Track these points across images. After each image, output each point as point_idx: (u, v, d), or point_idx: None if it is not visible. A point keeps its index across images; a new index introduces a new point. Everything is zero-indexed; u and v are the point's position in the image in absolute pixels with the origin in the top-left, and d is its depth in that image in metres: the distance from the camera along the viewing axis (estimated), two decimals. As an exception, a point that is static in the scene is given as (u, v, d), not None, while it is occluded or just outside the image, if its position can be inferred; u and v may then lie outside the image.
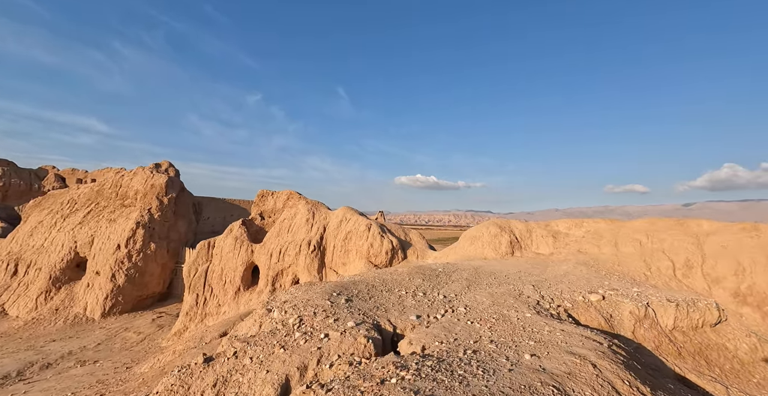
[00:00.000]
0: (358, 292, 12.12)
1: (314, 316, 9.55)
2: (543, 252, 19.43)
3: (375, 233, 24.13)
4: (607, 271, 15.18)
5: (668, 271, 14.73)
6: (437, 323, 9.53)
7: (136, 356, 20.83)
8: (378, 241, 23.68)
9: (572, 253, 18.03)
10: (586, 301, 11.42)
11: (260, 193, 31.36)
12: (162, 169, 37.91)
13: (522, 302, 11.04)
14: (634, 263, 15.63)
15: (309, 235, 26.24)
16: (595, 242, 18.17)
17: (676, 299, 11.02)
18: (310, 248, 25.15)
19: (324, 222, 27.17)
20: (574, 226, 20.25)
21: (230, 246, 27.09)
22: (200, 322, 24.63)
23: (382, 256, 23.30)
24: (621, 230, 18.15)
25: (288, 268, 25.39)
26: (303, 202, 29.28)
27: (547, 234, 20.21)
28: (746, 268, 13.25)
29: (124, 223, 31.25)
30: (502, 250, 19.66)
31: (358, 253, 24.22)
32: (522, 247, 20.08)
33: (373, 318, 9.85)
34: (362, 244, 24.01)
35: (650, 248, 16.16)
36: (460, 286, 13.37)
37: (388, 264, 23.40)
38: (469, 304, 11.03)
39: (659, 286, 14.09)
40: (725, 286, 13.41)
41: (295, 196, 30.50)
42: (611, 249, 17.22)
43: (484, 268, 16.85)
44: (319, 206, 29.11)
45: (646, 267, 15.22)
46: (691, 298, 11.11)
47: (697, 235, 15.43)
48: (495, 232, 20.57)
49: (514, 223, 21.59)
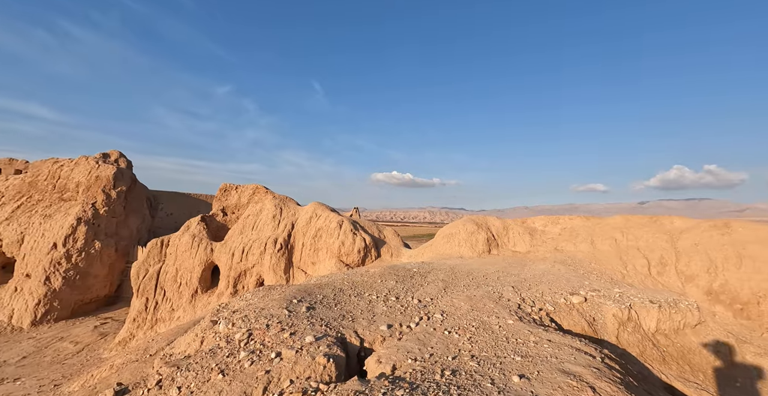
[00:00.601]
0: (323, 298, 10.69)
1: (267, 330, 8.03)
2: (520, 250, 18.91)
3: (347, 231, 22.69)
4: (585, 269, 14.77)
5: (644, 269, 14.54)
6: (411, 334, 8.35)
7: (69, 371, 18.15)
8: (350, 239, 22.26)
9: (549, 251, 17.60)
10: (568, 304, 10.72)
11: (223, 187, 28.84)
12: (111, 159, 34.09)
13: (502, 306, 10.13)
14: (610, 261, 15.35)
15: (275, 233, 24.32)
16: (571, 240, 17.86)
17: (659, 300, 10.60)
18: (276, 247, 23.27)
19: (292, 218, 25.32)
20: (551, 223, 19.94)
21: (187, 244, 24.57)
22: (150, 330, 22.09)
23: (354, 255, 21.93)
24: (596, 227, 17.95)
25: (252, 268, 23.37)
26: (270, 197, 27.19)
27: (524, 231, 19.74)
28: (718, 266, 13.21)
29: (62, 219, 27.60)
30: (478, 248, 18.93)
31: (328, 251, 22.68)
32: (499, 245, 19.48)
33: (338, 329, 8.49)
34: (333, 242, 22.50)
35: (626, 246, 15.97)
36: (437, 288, 12.31)
37: (360, 263, 22.07)
38: (446, 310, 9.95)
39: (636, 284, 13.82)
40: (698, 284, 13.33)
41: (261, 190, 28.31)
42: (588, 247, 16.93)
43: (461, 267, 15.97)
44: (288, 202, 27.17)
45: (623, 265, 14.97)
46: (672, 299, 10.76)
47: (671, 232, 15.39)
48: (471, 230, 19.82)
49: (491, 220, 20.98)
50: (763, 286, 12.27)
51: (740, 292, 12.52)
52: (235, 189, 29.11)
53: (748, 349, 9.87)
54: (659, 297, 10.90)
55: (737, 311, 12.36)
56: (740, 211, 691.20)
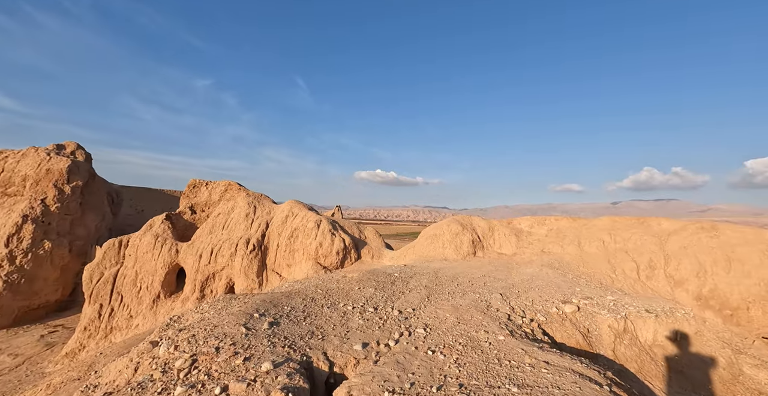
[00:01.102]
0: (290, 310, 9.36)
1: (216, 355, 6.66)
2: (506, 252, 18.18)
3: (325, 231, 21.29)
4: (574, 274, 14.11)
5: (632, 273, 14.03)
6: (389, 355, 7.19)
7: (2, 389, 15.91)
8: (328, 239, 20.89)
9: (536, 254, 16.92)
10: (561, 314, 9.89)
11: (191, 183, 26.67)
12: (66, 151, 31.03)
13: (491, 318, 9.15)
14: (599, 265, 14.78)
15: (248, 233, 22.59)
16: (558, 241, 17.25)
17: (655, 310, 9.95)
18: (248, 247, 21.57)
19: (267, 217, 23.64)
20: (537, 224, 19.33)
21: (149, 245, 22.42)
22: (103, 339, 19.94)
23: (332, 257, 20.58)
24: (583, 229, 17.43)
25: (221, 270, 21.58)
26: (243, 194, 25.33)
27: (510, 233, 19.04)
28: (707, 270, 12.83)
29: (4, 217, 24.69)
30: (463, 250, 18.05)
31: (305, 253, 21.22)
32: (484, 247, 18.68)
33: (304, 351, 7.22)
34: (310, 243, 21.05)
35: (613, 248, 15.47)
36: (419, 296, 11.23)
37: (339, 265, 20.75)
38: (430, 323, 8.87)
39: (625, 289, 13.27)
40: (688, 288, 12.91)
41: (234, 187, 26.38)
42: (575, 249, 16.35)
43: (446, 271, 15.00)
44: (263, 200, 25.42)
45: (611, 269, 14.42)
46: (668, 307, 10.16)
47: (658, 234, 14.98)
48: (456, 231, 18.91)
49: (476, 221, 20.17)
50: (752, 290, 11.93)
51: (730, 297, 12.14)
52: (206, 185, 27.00)
53: (745, 360, 9.37)
54: (655, 306, 10.28)
55: (727, 317, 11.96)
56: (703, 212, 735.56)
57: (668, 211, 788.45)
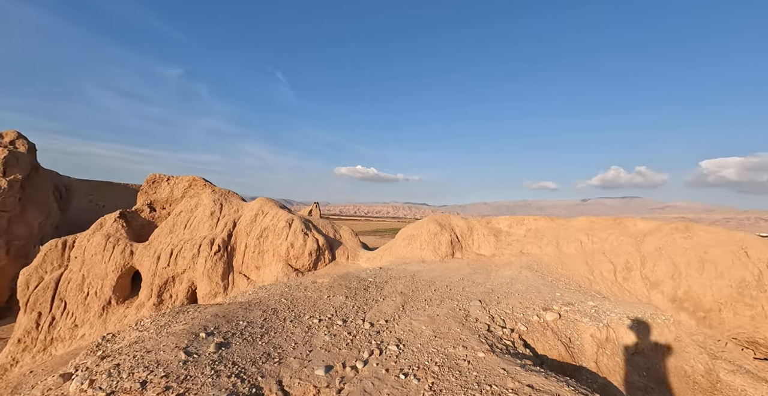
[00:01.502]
0: (246, 326, 8.20)
1: (141, 392, 5.45)
2: (485, 253, 17.71)
3: (297, 230, 20.01)
4: (553, 276, 13.75)
5: (610, 275, 13.85)
6: (356, 381, 6.25)
7: None
8: (300, 239, 19.63)
9: (515, 255, 16.53)
10: (542, 322, 9.34)
11: (150, 177, 24.37)
12: (4, 141, 27.62)
13: (470, 330, 8.42)
14: (577, 266, 14.53)
15: (213, 232, 20.89)
16: (536, 242, 16.95)
17: (636, 316, 9.62)
18: (213, 248, 19.91)
19: (234, 216, 21.99)
20: (516, 224, 19.00)
21: (98, 246, 20.23)
22: (42, 352, 17.77)
23: (304, 258, 19.37)
24: (561, 229, 17.22)
25: (182, 273, 19.82)
26: (208, 190, 23.44)
27: (489, 233, 18.59)
28: (682, 272, 12.80)
29: (-76, 214, 21.53)
30: (441, 252, 17.39)
31: (275, 254, 19.86)
32: (463, 248, 18.13)
33: (255, 379, 6.13)
34: (280, 243, 19.71)
35: (591, 249, 15.30)
36: (394, 305, 10.35)
37: (311, 267, 19.58)
38: (404, 338, 8.01)
39: (603, 291, 13.04)
40: (663, 290, 12.84)
41: (199, 183, 24.38)
42: (553, 250, 16.07)
43: (423, 274, 14.25)
44: (230, 197, 23.66)
45: (589, 270, 14.19)
46: (649, 313, 9.88)
47: (634, 235, 14.93)
48: (434, 231, 18.23)
49: (455, 221, 19.58)
50: (724, 292, 11.96)
51: (703, 298, 12.14)
52: (167, 180, 24.79)
53: (721, 365, 9.22)
54: (635, 311, 9.98)
55: (700, 319, 11.95)
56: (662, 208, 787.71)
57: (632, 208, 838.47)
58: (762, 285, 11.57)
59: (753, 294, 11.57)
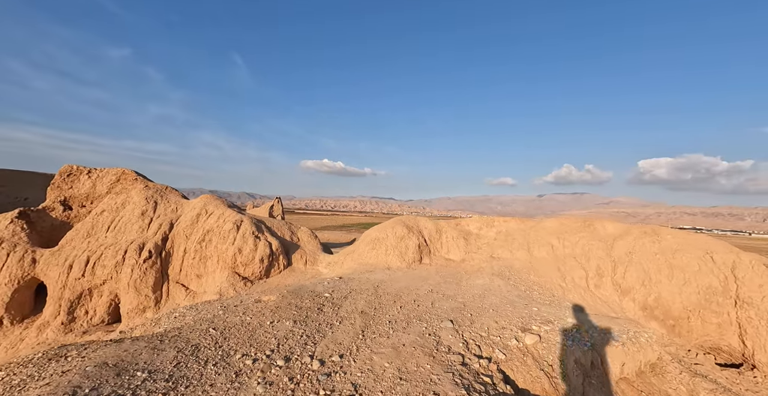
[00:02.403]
0: (145, 379, 6.04)
1: None
2: (454, 258, 16.59)
3: (246, 233, 17.55)
4: (526, 285, 12.87)
5: (582, 282, 13.27)
6: (290, 468, 4.48)
7: None
8: (250, 244, 17.22)
9: (485, 260, 15.55)
10: (521, 346, 8.18)
11: (65, 169, 20.23)
12: None
13: (443, 366, 6.98)
14: (549, 272, 13.81)
15: (144, 236, 17.73)
16: (507, 245, 16.12)
17: (620, 336, 8.81)
18: (142, 254, 16.84)
19: (172, 216, 18.90)
20: (485, 226, 18.11)
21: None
22: None
23: (254, 265, 17.02)
24: (532, 232, 16.55)
25: (102, 285, 16.58)
26: (140, 186, 19.96)
27: (458, 235, 17.50)
28: (652, 278, 12.47)
29: None
30: (409, 257, 15.98)
31: (220, 260, 17.28)
32: (431, 252, 16.87)
33: None
34: (226, 248, 17.16)
35: (562, 253, 14.70)
36: (352, 330, 8.66)
37: (263, 275, 17.28)
38: (362, 383, 6.35)
39: (577, 300, 12.37)
40: (634, 297, 12.44)
41: (129, 176, 20.71)
42: (524, 254, 15.31)
43: (388, 285, 12.70)
44: (168, 194, 20.39)
45: (561, 277, 13.52)
46: (633, 332, 9.15)
47: (605, 239, 14.52)
48: (401, 234, 16.76)
49: (423, 223, 18.26)
50: (692, 299, 11.72)
51: (672, 306, 11.83)
52: (88, 173, 20.79)
53: (701, 385, 8.71)
54: (617, 329, 9.21)
55: (670, 328, 11.62)
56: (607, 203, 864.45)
57: (581, 203, 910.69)
58: (727, 291, 11.42)
59: (719, 301, 11.39)
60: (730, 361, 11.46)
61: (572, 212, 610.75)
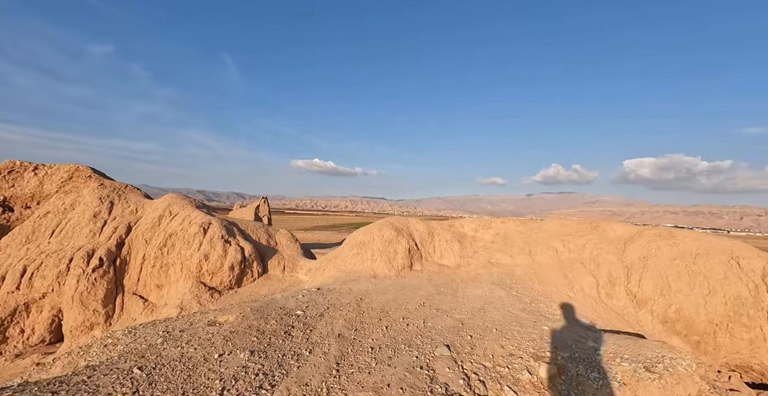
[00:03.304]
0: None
1: None
2: (448, 263, 14.94)
3: (215, 238, 15.52)
4: (531, 295, 11.28)
5: (592, 291, 11.77)
6: None
7: None
8: (218, 249, 15.20)
9: (483, 266, 13.94)
10: (535, 381, 6.53)
11: (5, 165, 17.69)
12: None
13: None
14: (554, 280, 12.28)
15: (95, 241, 15.51)
16: (506, 249, 14.55)
17: (655, 366, 7.24)
18: (92, 263, 14.66)
19: (130, 218, 16.70)
20: (482, 228, 16.52)
21: None
22: None
23: (223, 274, 15.01)
24: (532, 234, 15.03)
25: (41, 299, 14.32)
26: (94, 184, 17.64)
27: (452, 238, 15.85)
28: (671, 287, 11.04)
29: None
30: (397, 263, 14.25)
31: (184, 268, 15.21)
32: (423, 257, 15.18)
33: None
34: (191, 254, 15.11)
35: (568, 259, 13.20)
36: (324, 364, 6.85)
37: (233, 284, 15.30)
38: (329, 453, 4.58)
39: (588, 313, 10.84)
40: (653, 309, 10.99)
41: (83, 173, 18.36)
42: (526, 259, 13.76)
43: (373, 297, 10.94)
44: (128, 193, 18.13)
45: (569, 285, 12.00)
46: (668, 359, 7.59)
47: (614, 242, 13.08)
48: (390, 237, 15.01)
49: (414, 224, 16.54)
50: (719, 310, 10.30)
51: (696, 319, 10.40)
52: (34, 170, 18.34)
53: (748, 420, 7.23)
54: (650, 356, 7.65)
55: (694, 344, 10.17)
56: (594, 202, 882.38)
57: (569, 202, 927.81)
58: (759, 302, 10.04)
59: (750, 313, 10.00)
60: (760, 380, 10.11)
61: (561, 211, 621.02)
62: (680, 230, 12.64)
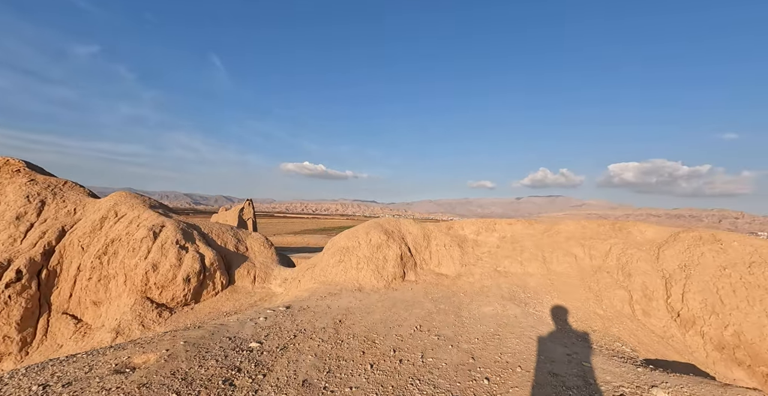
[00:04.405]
0: None
1: None
2: (447, 272, 12.64)
3: (167, 243, 12.86)
4: (553, 315, 9.05)
5: (625, 307, 9.62)
6: None
7: None
8: (171, 257, 12.54)
9: (489, 275, 11.69)
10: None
11: None
12: None
13: None
14: (578, 294, 10.10)
15: (14, 249, 12.65)
16: (516, 256, 12.35)
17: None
18: (5, 277, 11.81)
19: (66, 221, 13.88)
20: (485, 230, 14.31)
21: None
22: None
23: (176, 287, 12.35)
24: (545, 237, 12.89)
25: (-59, 323, 11.34)
26: (22, 180, 14.73)
27: (451, 242, 13.58)
28: (725, 302, 8.97)
29: None
30: (387, 273, 11.87)
31: (128, 280, 12.49)
32: (417, 265, 12.85)
33: None
34: (136, 264, 12.41)
35: (590, 266, 11.06)
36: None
37: (189, 299, 12.64)
38: None
39: (625, 337, 8.66)
40: (702, 330, 8.88)
41: (11, 167, 15.40)
42: (539, 267, 11.57)
43: (356, 319, 8.53)
44: (66, 191, 15.24)
45: (596, 300, 9.83)
46: None
47: (644, 246, 11.01)
48: (378, 242, 12.64)
49: (407, 226, 14.21)
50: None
51: (761, 345, 8.29)
52: (-49, 162, 15.32)
53: None
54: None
55: (763, 378, 8.07)
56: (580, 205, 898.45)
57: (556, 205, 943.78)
58: (839, 322, 8.03)
59: (829, 336, 7.96)
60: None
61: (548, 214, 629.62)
62: (724, 233, 10.68)
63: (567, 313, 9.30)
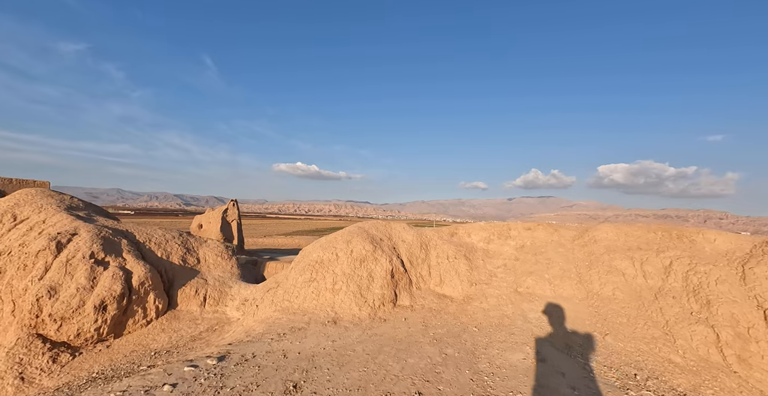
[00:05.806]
0: None
1: None
2: (452, 293, 9.60)
3: (75, 258, 9.50)
4: (615, 366, 6.09)
5: (712, 352, 6.70)
6: None
7: None
8: (79, 276, 9.19)
9: (509, 299, 8.68)
10: None
11: None
12: None
13: None
14: (635, 329, 7.16)
15: None
16: (542, 271, 9.38)
17: None
18: None
19: (-55, 225, 10.38)
20: (497, 237, 11.30)
21: None
22: None
23: (83, 319, 9.00)
24: (576, 247, 9.95)
25: None
26: None
27: (456, 253, 10.53)
28: None
29: None
30: (374, 296, 8.76)
31: (16, 309, 9.10)
32: (412, 283, 9.77)
33: None
34: (25, 287, 9.03)
35: (645, 288, 8.15)
36: None
37: (104, 333, 9.29)
38: None
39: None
40: (837, 391, 5.99)
41: None
42: (575, 288, 8.62)
43: (323, 383, 5.41)
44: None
45: (668, 341, 6.89)
46: None
47: (717, 261, 8.12)
48: (362, 253, 9.51)
49: (399, 232, 11.07)
50: None
51: None
52: None
53: None
54: None
55: None
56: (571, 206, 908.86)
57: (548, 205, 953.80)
58: None
59: None
60: None
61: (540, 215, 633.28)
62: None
63: (633, 362, 6.36)
